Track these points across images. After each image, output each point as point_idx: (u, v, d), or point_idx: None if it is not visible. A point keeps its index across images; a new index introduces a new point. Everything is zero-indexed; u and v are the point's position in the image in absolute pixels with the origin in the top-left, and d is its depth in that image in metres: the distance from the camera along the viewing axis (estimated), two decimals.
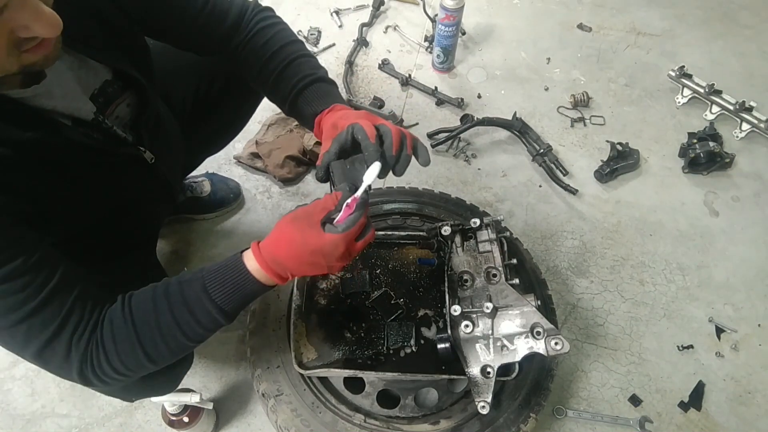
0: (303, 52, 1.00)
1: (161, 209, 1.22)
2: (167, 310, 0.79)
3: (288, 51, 0.98)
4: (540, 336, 0.97)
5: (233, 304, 0.81)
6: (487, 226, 1.11)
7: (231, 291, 0.80)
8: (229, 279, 0.81)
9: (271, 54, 0.98)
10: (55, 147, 0.77)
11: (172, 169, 1.15)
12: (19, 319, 0.71)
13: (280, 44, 0.98)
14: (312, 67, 0.99)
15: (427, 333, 1.13)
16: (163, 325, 0.78)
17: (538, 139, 1.76)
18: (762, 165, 1.76)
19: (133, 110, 0.94)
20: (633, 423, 1.28)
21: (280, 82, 0.98)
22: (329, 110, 0.94)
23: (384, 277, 1.21)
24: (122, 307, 0.79)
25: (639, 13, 2.22)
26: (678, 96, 1.91)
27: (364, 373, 1.09)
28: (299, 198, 1.66)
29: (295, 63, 0.98)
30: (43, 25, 0.60)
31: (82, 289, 0.77)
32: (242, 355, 1.35)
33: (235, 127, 1.44)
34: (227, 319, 0.82)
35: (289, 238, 0.77)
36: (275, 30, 1.00)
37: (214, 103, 1.27)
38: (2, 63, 0.61)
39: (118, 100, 0.90)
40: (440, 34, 1.86)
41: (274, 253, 0.79)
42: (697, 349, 1.40)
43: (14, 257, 0.69)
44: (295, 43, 1.01)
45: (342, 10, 2.18)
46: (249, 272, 0.80)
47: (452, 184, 1.70)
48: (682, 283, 1.51)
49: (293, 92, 0.97)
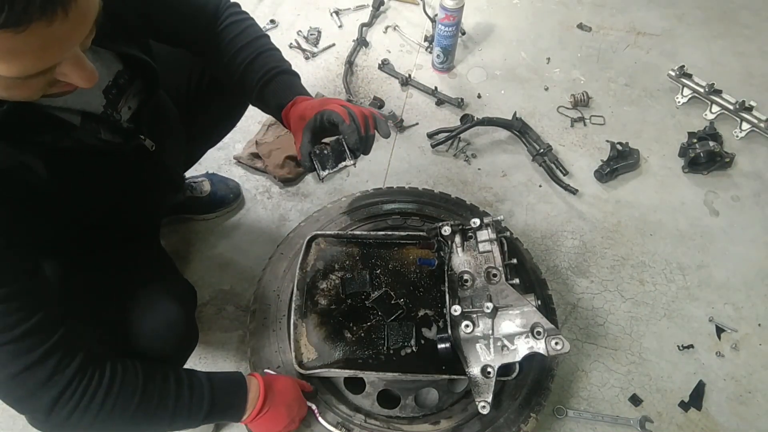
0: (269, 47, 1.08)
1: (164, 196, 1.23)
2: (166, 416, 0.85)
3: (256, 45, 1.06)
4: (540, 336, 0.97)
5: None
6: (487, 226, 1.11)
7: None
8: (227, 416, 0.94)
9: (240, 47, 1.04)
10: (64, 149, 0.77)
11: (174, 156, 1.16)
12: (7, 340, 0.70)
13: (248, 39, 1.05)
14: (277, 60, 1.07)
15: (427, 333, 1.13)
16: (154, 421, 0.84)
17: (538, 139, 1.76)
18: (762, 165, 1.76)
19: (140, 99, 0.96)
20: (633, 423, 1.28)
21: (247, 73, 1.05)
22: (292, 103, 1.03)
23: (384, 277, 1.21)
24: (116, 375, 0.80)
25: (639, 13, 2.22)
26: (678, 96, 1.91)
27: (364, 373, 1.09)
28: (299, 198, 1.66)
29: (262, 56, 1.05)
30: (83, 80, 0.64)
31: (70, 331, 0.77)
32: (242, 355, 1.35)
33: (234, 114, 1.43)
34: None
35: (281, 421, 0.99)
36: (245, 25, 1.07)
37: (209, 90, 1.27)
38: (30, 95, 0.64)
39: (128, 90, 0.91)
40: (440, 34, 1.86)
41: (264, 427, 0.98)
42: (698, 349, 1.40)
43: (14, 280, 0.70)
44: (263, 38, 1.09)
45: (342, 10, 2.18)
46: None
47: (452, 184, 1.70)
48: (682, 283, 1.51)
49: (259, 84, 1.04)
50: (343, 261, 1.23)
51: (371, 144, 1.02)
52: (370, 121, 1.01)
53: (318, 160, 1.01)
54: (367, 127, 1.00)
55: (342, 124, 0.96)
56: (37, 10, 0.52)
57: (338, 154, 1.01)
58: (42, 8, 0.52)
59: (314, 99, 1.04)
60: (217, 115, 1.38)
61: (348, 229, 1.34)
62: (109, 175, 0.91)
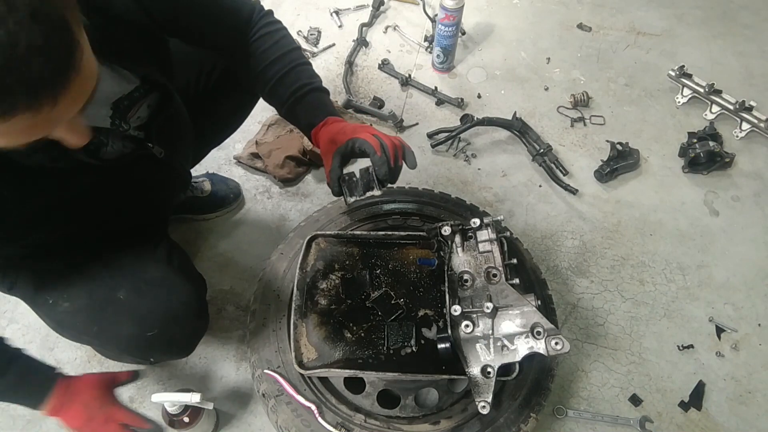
0: (302, 61, 1.09)
1: (172, 195, 1.25)
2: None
3: (289, 58, 1.06)
4: (540, 336, 0.97)
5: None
6: (487, 226, 1.11)
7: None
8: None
9: (273, 59, 1.04)
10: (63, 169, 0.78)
11: (183, 156, 1.17)
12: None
13: (282, 51, 1.05)
14: (309, 76, 1.09)
15: (427, 333, 1.13)
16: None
17: (538, 139, 1.76)
18: (762, 165, 1.76)
19: (153, 110, 0.96)
20: (633, 423, 1.28)
21: (279, 87, 1.06)
22: (323, 124, 1.05)
23: (384, 277, 1.21)
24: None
25: (639, 13, 2.22)
26: (678, 96, 1.91)
27: (364, 373, 1.09)
28: (299, 198, 1.66)
29: (295, 71, 1.06)
30: (75, 140, 0.64)
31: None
32: (242, 355, 1.36)
33: (242, 111, 1.43)
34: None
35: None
36: (279, 36, 1.07)
37: (218, 87, 1.27)
38: (17, 145, 0.59)
39: (141, 102, 0.91)
40: (440, 34, 1.86)
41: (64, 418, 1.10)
42: (698, 349, 1.40)
43: None
44: (296, 51, 1.09)
45: (342, 10, 2.18)
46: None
47: (452, 184, 1.70)
48: (682, 283, 1.51)
49: (291, 99, 1.07)
50: (343, 261, 1.23)
51: (398, 174, 1.05)
52: (399, 152, 1.04)
53: (346, 186, 1.07)
54: (396, 158, 1.02)
55: (374, 156, 0.99)
56: (22, 105, 0.51)
57: (366, 183, 1.07)
58: (28, 104, 0.51)
59: (345, 123, 1.06)
60: (225, 113, 1.38)
61: (348, 229, 1.34)
62: (113, 185, 0.92)
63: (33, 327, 1.39)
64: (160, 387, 1.31)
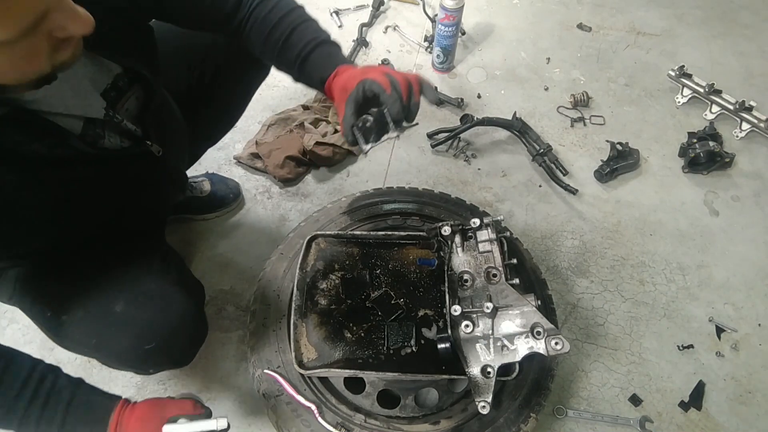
0: (304, 18, 1.01)
1: (168, 196, 1.23)
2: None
3: (290, 19, 0.99)
4: (540, 336, 0.97)
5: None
6: (487, 226, 1.11)
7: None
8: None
9: (274, 24, 0.98)
10: (62, 158, 0.77)
11: (178, 156, 1.16)
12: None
13: (281, 13, 0.99)
14: (314, 31, 1.00)
15: (427, 333, 1.13)
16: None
17: (538, 139, 1.76)
18: (762, 165, 1.76)
19: (141, 102, 0.95)
20: (633, 423, 1.28)
21: (285, 50, 0.99)
22: (334, 74, 0.97)
23: (384, 277, 1.21)
24: None
25: (639, 13, 2.22)
26: (678, 96, 1.91)
27: (364, 373, 1.09)
28: (299, 198, 1.66)
29: (298, 29, 0.99)
30: (79, 24, 0.63)
31: None
32: (242, 355, 1.35)
33: (236, 110, 1.42)
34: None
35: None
36: (275, 0, 1.00)
37: (209, 85, 1.26)
38: (40, 65, 0.63)
39: (128, 93, 0.91)
40: (440, 34, 1.86)
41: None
42: (698, 349, 1.40)
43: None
44: (296, 10, 1.01)
45: (342, 10, 2.18)
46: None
47: (452, 184, 1.70)
48: (682, 283, 1.51)
49: (299, 59, 0.99)
50: (343, 261, 1.23)
51: (416, 112, 0.96)
52: (415, 87, 0.95)
53: (361, 134, 0.95)
54: (411, 95, 0.94)
55: (383, 94, 0.90)
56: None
57: (381, 126, 0.95)
58: None
59: (356, 68, 0.98)
60: (219, 111, 1.37)
61: (348, 229, 1.34)
62: (112, 180, 0.91)
63: (33, 327, 1.36)
64: (160, 387, 1.31)
